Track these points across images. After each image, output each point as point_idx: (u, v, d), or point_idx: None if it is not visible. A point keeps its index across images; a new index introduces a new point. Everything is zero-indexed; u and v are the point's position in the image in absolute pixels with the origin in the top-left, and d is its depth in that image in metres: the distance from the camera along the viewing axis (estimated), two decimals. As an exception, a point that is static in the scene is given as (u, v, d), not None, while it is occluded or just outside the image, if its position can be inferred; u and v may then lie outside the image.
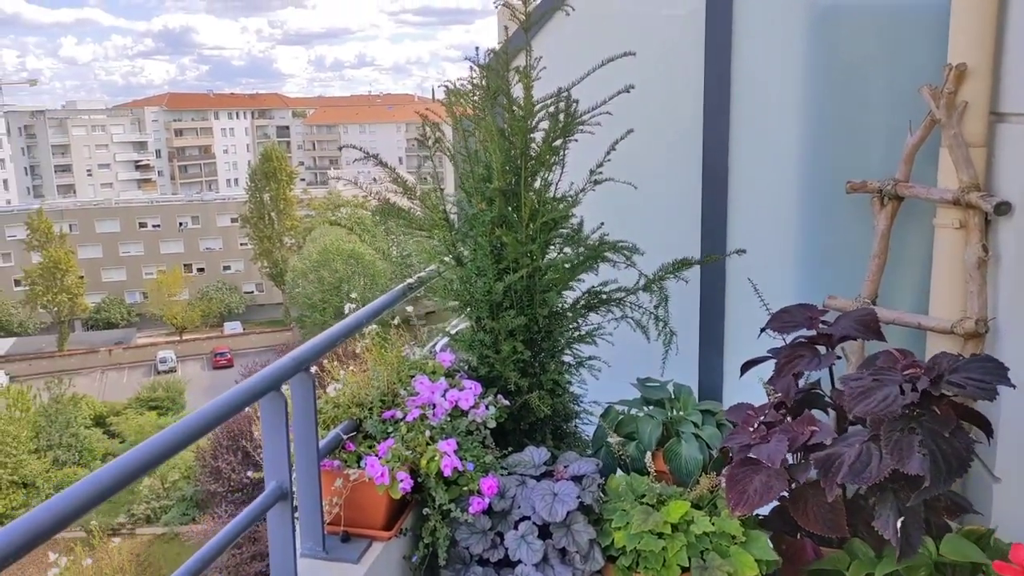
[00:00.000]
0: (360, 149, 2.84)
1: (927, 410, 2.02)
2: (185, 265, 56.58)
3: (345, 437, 2.31)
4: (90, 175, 70.63)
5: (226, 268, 57.63)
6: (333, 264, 41.59)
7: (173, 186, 73.58)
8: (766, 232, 3.11)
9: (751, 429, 2.29)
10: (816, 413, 2.48)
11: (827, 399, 2.54)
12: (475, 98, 2.72)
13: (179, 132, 74.71)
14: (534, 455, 2.51)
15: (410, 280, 2.80)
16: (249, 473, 2.49)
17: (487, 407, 2.50)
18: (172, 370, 44.87)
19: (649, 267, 2.78)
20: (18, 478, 30.39)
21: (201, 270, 57.13)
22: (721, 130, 3.04)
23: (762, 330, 2.64)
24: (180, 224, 58.09)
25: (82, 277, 51.82)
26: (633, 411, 2.82)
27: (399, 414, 2.38)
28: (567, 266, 2.66)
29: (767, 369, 2.66)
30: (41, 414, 33.27)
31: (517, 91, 2.69)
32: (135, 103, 77.80)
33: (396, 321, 2.64)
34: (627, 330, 2.82)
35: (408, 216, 2.74)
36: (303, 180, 68.97)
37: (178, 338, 50.23)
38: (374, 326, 2.58)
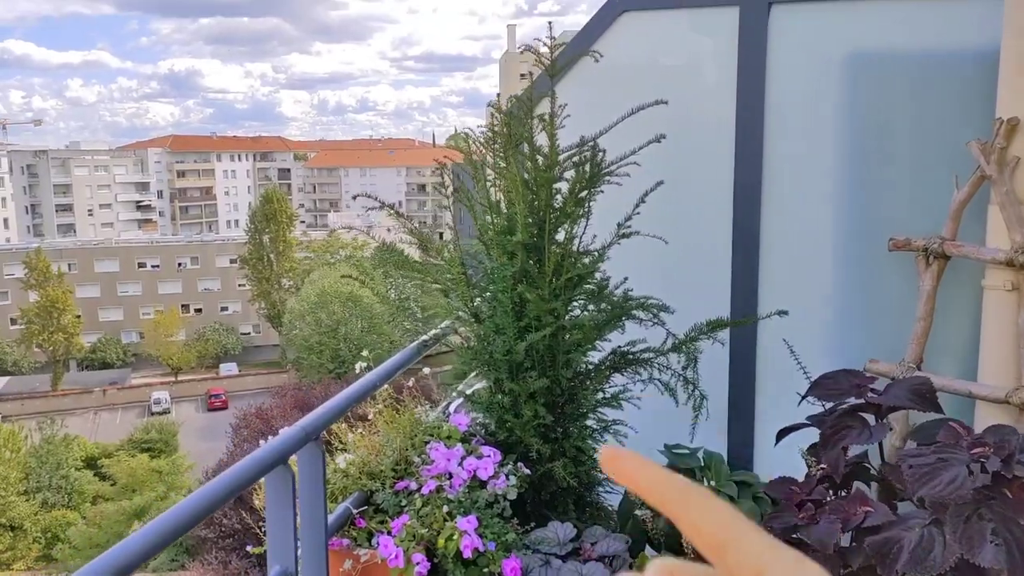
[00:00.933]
0: (373, 197, 2.70)
1: (998, 493, 1.84)
2: (183, 305, 56.38)
3: (355, 512, 2.12)
4: (91, 215, 70.72)
5: (223, 309, 57.39)
6: (331, 306, 41.38)
7: (173, 227, 73.63)
8: (801, 291, 2.95)
9: (797, 508, 2.10)
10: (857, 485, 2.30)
11: (874, 472, 2.36)
12: (496, 146, 2.58)
13: (181, 173, 74.97)
14: (559, 531, 2.32)
15: (424, 336, 2.63)
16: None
17: (507, 476, 2.31)
18: (166, 411, 44.36)
19: (677, 326, 2.62)
20: (5, 520, 29.82)
21: (199, 311, 56.90)
22: (753, 182, 2.90)
23: (803, 397, 2.47)
24: (179, 264, 58.01)
25: (79, 316, 51.58)
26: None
27: (413, 485, 2.19)
28: (592, 325, 2.49)
29: (803, 437, 2.49)
30: (32, 455, 32.78)
31: (539, 139, 2.56)
32: (138, 144, 78.24)
33: (411, 383, 2.47)
34: (654, 393, 2.65)
35: (420, 267, 2.58)
36: (303, 222, 69.12)
37: (173, 379, 49.81)
38: (386, 386, 2.41)
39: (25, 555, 29.72)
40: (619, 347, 2.63)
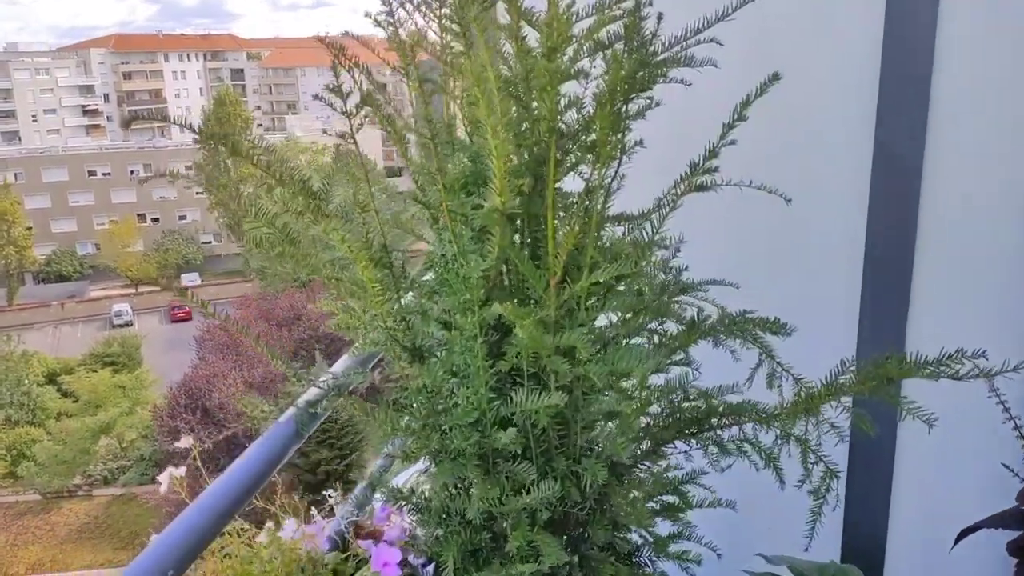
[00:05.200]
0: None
1: None
2: (139, 215, 54.43)
3: None
4: (35, 121, 67.16)
5: (182, 218, 55.38)
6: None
7: (124, 132, 70.22)
8: (976, 311, 1.69)
9: None
10: None
11: None
12: (443, 10, 1.27)
13: (128, 75, 70.94)
14: None
15: (309, 394, 1.36)
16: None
17: None
18: (128, 324, 43.36)
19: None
20: (-33, 438, 29.08)
21: (156, 220, 55.01)
22: (906, 150, 1.58)
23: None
24: (131, 172, 55.57)
25: (30, 228, 49.77)
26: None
27: None
28: (646, 363, 1.23)
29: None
30: (-10, 372, 31.87)
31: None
32: (81, 44, 73.77)
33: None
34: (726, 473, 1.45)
35: (287, 247, 1.29)
36: (260, 125, 66.34)
37: (134, 291, 48.41)
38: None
39: (-9, 472, 29.09)
40: (688, 396, 1.39)
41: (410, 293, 1.36)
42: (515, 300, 1.27)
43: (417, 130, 1.22)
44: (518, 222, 1.30)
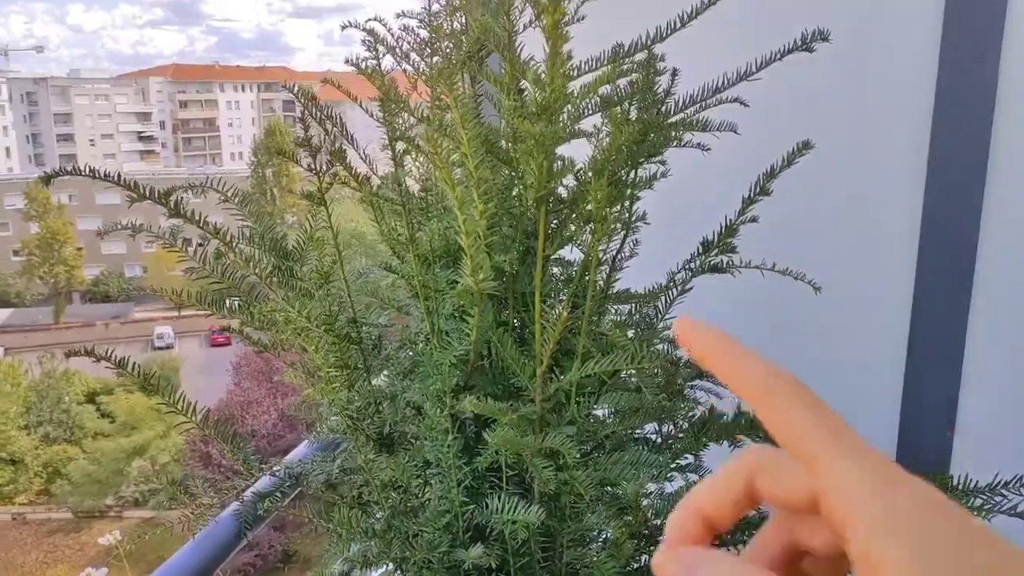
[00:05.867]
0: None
1: None
2: (186, 238, 55.54)
3: None
4: (92, 145, 69.19)
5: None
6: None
7: (176, 158, 71.94)
8: None
9: None
10: None
11: None
12: (429, 60, 1.13)
13: (184, 104, 72.96)
14: None
15: (260, 484, 1.19)
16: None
17: None
18: (169, 346, 44.00)
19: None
20: (6, 455, 29.53)
21: (201, 244, 56.02)
22: (964, 177, 1.40)
23: None
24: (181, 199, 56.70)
25: (80, 249, 50.93)
26: None
27: None
28: (640, 487, 1.05)
29: None
30: (32, 389, 32.41)
31: (526, 46, 1.12)
32: (140, 73, 76.14)
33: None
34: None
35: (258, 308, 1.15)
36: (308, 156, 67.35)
37: (176, 314, 49.20)
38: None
39: (27, 489, 29.42)
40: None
41: (384, 373, 1.20)
42: (498, 387, 1.11)
43: (386, 195, 1.08)
44: (505, 299, 1.14)
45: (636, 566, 1.18)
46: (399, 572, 1.13)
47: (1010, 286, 1.45)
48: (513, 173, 1.10)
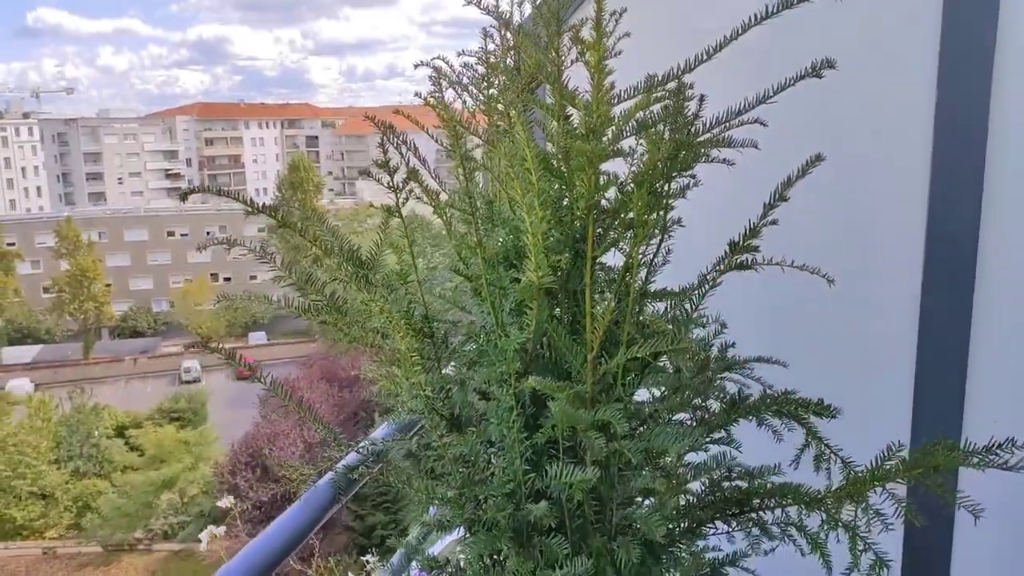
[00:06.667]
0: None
1: None
2: (212, 274, 56.35)
3: None
4: (121, 183, 70.63)
5: (252, 278, 57.06)
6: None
7: (202, 195, 73.07)
8: None
9: None
10: None
11: None
12: (490, 91, 1.32)
13: (209, 141, 74.44)
14: None
15: (349, 459, 1.38)
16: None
17: None
18: (197, 380, 44.42)
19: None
20: (37, 489, 29.88)
21: (228, 279, 56.74)
22: (963, 186, 1.57)
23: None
24: (207, 233, 57.69)
25: (109, 285, 51.76)
26: None
27: None
28: (682, 443, 1.21)
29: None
30: (63, 424, 32.90)
31: (572, 79, 1.31)
32: (167, 112, 77.83)
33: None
34: (771, 557, 1.41)
35: (335, 313, 1.33)
36: (331, 190, 68.43)
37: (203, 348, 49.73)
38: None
39: (57, 523, 29.74)
40: (728, 475, 1.37)
41: (451, 364, 1.38)
42: (553, 374, 1.28)
43: (458, 205, 1.26)
44: (558, 296, 1.32)
45: (675, 527, 1.35)
46: (469, 534, 1.30)
47: (1012, 266, 1.61)
48: (563, 187, 1.28)
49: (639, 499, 1.28)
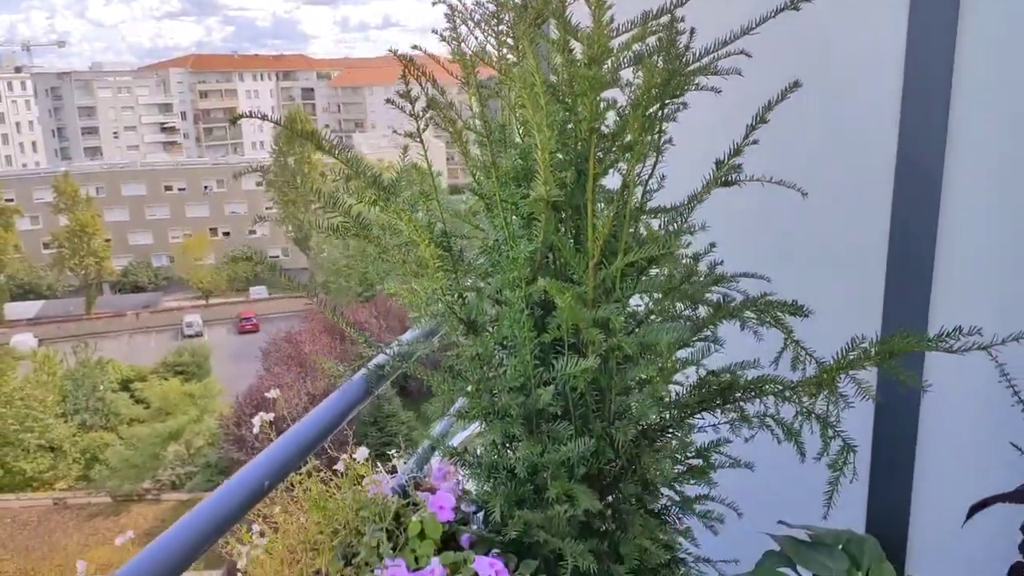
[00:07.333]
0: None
1: None
2: (211, 229, 56.34)
3: None
4: (116, 137, 70.16)
5: (251, 232, 57.06)
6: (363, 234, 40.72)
7: (198, 148, 72.82)
8: (999, 301, 1.80)
9: None
10: None
11: None
12: (499, 27, 1.47)
13: (204, 94, 73.72)
14: None
15: (376, 358, 1.55)
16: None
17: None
18: (198, 334, 44.70)
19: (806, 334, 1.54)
20: (45, 442, 30.33)
21: (227, 234, 56.75)
22: (931, 113, 1.72)
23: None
24: (205, 187, 57.62)
25: (108, 240, 51.73)
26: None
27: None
28: (673, 342, 1.39)
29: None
30: (68, 378, 33.25)
31: (574, 13, 1.45)
32: (160, 64, 76.93)
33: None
34: (752, 446, 1.59)
35: (367, 233, 1.49)
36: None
37: (204, 302, 49.97)
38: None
39: (66, 475, 30.26)
40: (714, 371, 1.54)
41: (468, 279, 1.54)
42: (559, 280, 1.44)
43: (474, 128, 1.42)
44: (562, 213, 1.48)
45: (666, 416, 1.53)
46: (486, 423, 1.48)
47: (974, 185, 1.77)
48: (568, 113, 1.43)
49: (636, 390, 1.46)
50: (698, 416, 1.58)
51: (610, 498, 1.50)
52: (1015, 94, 1.77)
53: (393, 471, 1.63)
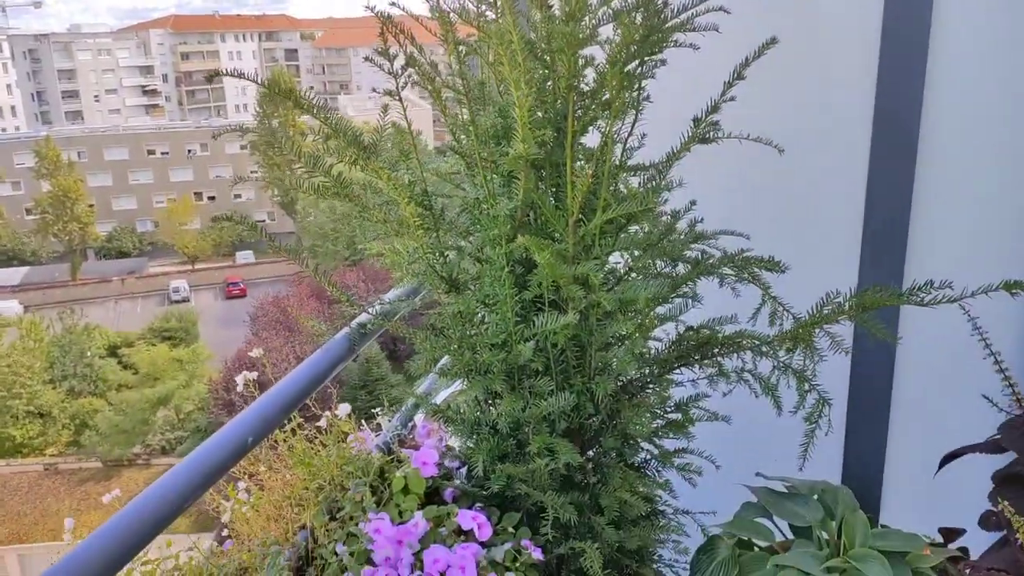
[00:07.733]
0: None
1: None
2: (195, 193, 55.79)
3: None
4: (97, 101, 69.07)
5: (236, 196, 56.54)
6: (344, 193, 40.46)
7: (181, 112, 71.81)
8: (971, 255, 1.83)
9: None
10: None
11: None
12: (479, -17, 1.45)
13: (185, 56, 72.48)
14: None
15: (360, 318, 1.57)
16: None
17: (503, 570, 1.32)
18: (185, 300, 44.51)
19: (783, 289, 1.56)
20: (34, 408, 30.32)
21: (212, 198, 56.23)
22: (910, 69, 1.73)
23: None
24: (188, 151, 56.96)
25: (92, 205, 51.15)
26: (757, 545, 1.62)
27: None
28: (652, 298, 1.41)
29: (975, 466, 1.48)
30: (55, 344, 33.11)
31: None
32: (140, 26, 75.50)
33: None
34: (730, 400, 1.62)
35: (348, 192, 1.50)
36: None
37: (190, 267, 49.69)
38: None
39: (56, 441, 30.31)
40: (692, 327, 1.57)
41: (449, 237, 1.55)
42: (537, 235, 1.45)
43: (452, 86, 1.41)
44: (542, 171, 1.48)
45: (646, 372, 1.55)
46: (468, 380, 1.50)
47: (950, 140, 1.79)
48: (546, 71, 1.43)
49: (615, 345, 1.48)
50: (677, 371, 1.60)
51: (591, 452, 1.53)
52: (993, 50, 1.78)
53: (378, 429, 1.66)
